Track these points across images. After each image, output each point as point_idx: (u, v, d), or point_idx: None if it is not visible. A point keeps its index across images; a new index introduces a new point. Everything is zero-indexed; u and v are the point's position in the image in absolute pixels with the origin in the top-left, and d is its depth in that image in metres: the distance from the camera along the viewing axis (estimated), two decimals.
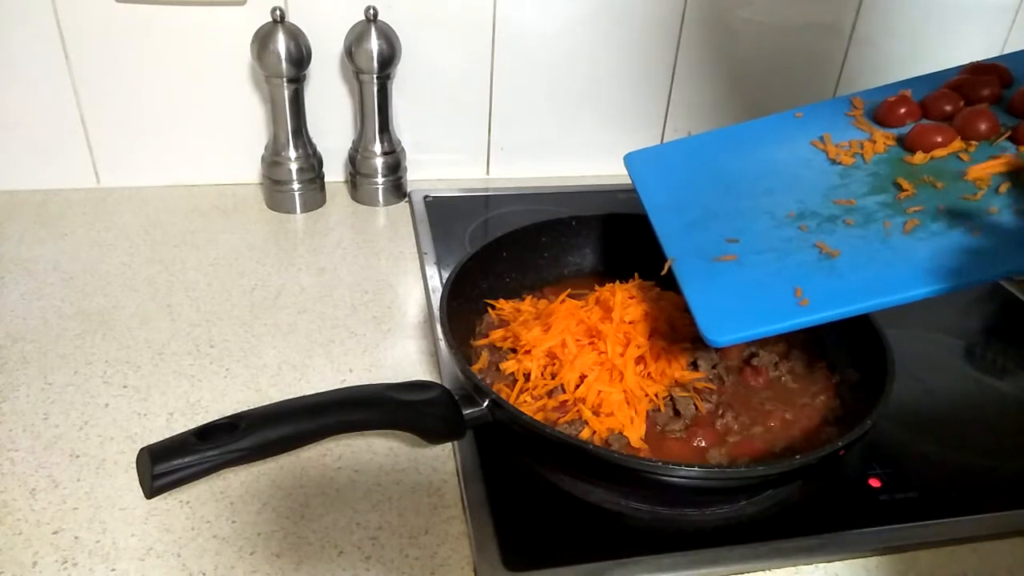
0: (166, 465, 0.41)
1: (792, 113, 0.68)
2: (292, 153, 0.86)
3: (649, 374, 0.57)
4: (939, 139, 0.58)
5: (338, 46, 0.86)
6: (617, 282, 0.63)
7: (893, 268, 0.51)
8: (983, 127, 0.58)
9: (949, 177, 0.56)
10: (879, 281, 0.50)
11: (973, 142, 0.58)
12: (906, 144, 0.61)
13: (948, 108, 0.61)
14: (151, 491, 0.42)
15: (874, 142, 0.61)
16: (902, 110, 0.63)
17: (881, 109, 0.64)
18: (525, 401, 0.56)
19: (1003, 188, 0.54)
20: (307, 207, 0.89)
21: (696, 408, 0.56)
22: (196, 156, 0.91)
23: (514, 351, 0.60)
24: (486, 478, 0.52)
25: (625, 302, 0.59)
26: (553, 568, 0.47)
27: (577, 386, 0.55)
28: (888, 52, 1.01)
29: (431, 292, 0.73)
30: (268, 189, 0.88)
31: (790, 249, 0.55)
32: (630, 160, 0.69)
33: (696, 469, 0.47)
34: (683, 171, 0.66)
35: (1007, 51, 1.04)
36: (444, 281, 0.62)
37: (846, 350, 0.61)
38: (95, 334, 0.66)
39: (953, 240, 0.51)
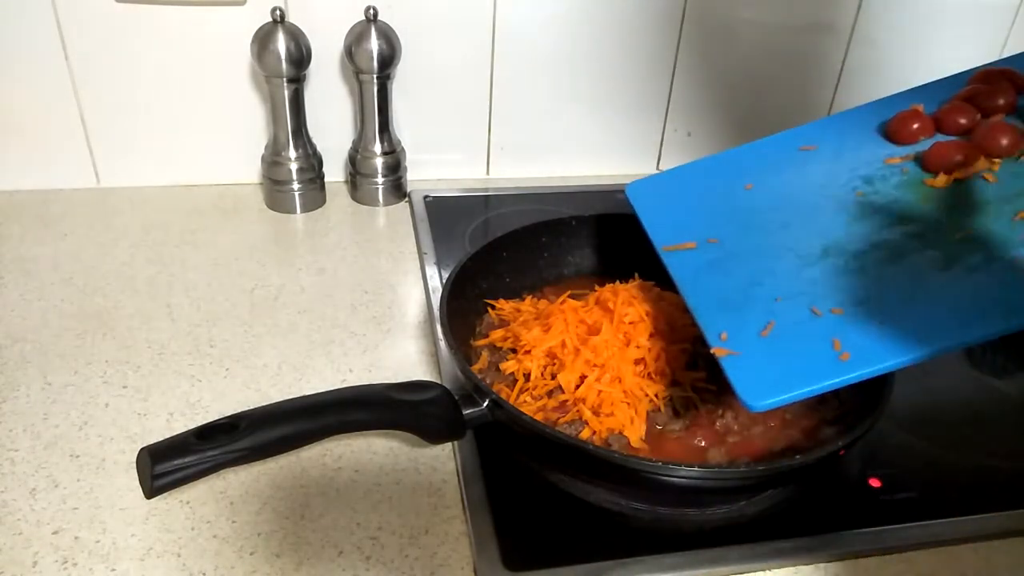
0: (166, 465, 0.42)
1: (797, 133, 0.64)
2: (292, 153, 0.86)
3: (649, 374, 0.57)
4: (960, 158, 0.55)
5: (338, 46, 0.86)
6: (617, 282, 0.63)
7: (934, 312, 0.47)
8: (1005, 142, 0.54)
9: (977, 200, 0.52)
10: (922, 328, 0.46)
11: (996, 159, 0.54)
12: (925, 164, 0.56)
13: (963, 121, 0.58)
14: (151, 491, 0.42)
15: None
16: (915, 125, 0.59)
17: (892, 125, 0.60)
18: (525, 401, 0.56)
19: None
20: (307, 207, 0.89)
21: (696, 408, 0.56)
22: (196, 156, 0.91)
23: (514, 351, 0.60)
24: (486, 478, 0.52)
25: (625, 302, 0.59)
26: (553, 568, 0.47)
27: (577, 386, 0.55)
28: (888, 52, 1.01)
29: (431, 292, 0.73)
30: (268, 189, 0.88)
31: (820, 293, 0.51)
32: (633, 192, 0.66)
33: (696, 469, 0.47)
34: (691, 202, 0.62)
35: (1007, 50, 1.04)
36: (444, 281, 0.62)
37: None
38: (95, 334, 0.66)
39: (995, 275, 0.47)
